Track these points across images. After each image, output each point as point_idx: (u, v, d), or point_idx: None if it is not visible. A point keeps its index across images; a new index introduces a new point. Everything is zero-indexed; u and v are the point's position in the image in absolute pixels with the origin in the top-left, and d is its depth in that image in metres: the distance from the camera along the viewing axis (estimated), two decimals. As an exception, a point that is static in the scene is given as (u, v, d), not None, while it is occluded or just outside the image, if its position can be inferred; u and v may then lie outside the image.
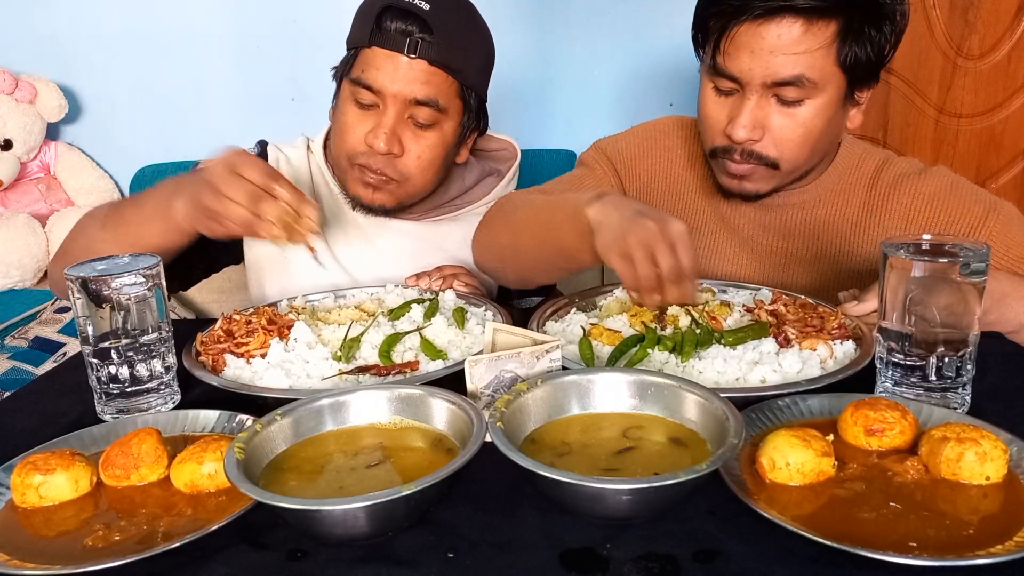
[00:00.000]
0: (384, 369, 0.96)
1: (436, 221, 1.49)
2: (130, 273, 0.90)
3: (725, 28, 1.12)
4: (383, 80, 1.27)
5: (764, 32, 1.09)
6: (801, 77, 1.10)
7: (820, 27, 1.09)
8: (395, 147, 1.30)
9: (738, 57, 1.12)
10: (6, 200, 2.43)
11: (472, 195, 1.53)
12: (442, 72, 1.28)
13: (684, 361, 0.95)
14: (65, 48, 2.46)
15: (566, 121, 2.54)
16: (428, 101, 1.28)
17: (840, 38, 1.10)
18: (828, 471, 0.72)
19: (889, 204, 1.25)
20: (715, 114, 1.19)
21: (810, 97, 1.13)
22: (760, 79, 1.12)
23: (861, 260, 1.27)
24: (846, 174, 1.28)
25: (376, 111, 1.30)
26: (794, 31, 1.09)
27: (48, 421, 0.94)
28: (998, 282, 1.05)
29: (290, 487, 0.71)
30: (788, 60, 1.09)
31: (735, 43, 1.12)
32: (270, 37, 2.46)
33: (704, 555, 0.64)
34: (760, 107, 1.14)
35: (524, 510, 0.71)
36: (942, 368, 0.85)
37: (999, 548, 0.62)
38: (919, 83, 2.61)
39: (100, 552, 0.66)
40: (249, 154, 1.15)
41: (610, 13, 2.41)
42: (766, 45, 1.09)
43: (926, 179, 1.24)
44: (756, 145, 1.16)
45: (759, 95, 1.13)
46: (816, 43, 1.09)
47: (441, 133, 1.33)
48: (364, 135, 1.30)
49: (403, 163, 1.33)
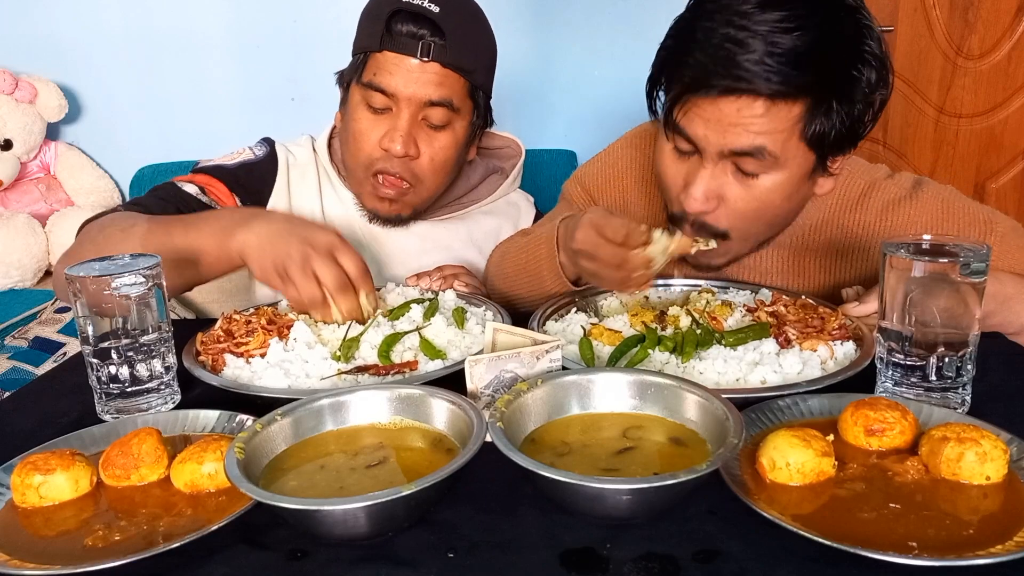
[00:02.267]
0: (383, 369, 0.96)
1: (442, 220, 1.50)
2: (130, 273, 0.90)
3: (679, 97, 1.03)
4: (396, 83, 1.27)
5: (721, 106, 0.99)
6: (762, 149, 1.00)
7: (784, 107, 0.98)
8: (412, 149, 1.30)
9: (693, 124, 1.02)
10: (6, 200, 2.43)
11: (477, 193, 1.53)
12: (454, 73, 1.28)
13: (685, 362, 0.95)
14: (65, 48, 2.47)
15: (566, 121, 2.54)
16: (442, 102, 1.28)
17: (807, 117, 0.99)
18: (828, 471, 0.72)
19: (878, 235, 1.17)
20: (672, 177, 1.10)
21: (770, 171, 1.03)
22: (716, 148, 1.02)
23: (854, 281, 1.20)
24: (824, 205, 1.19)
25: (389, 115, 1.30)
26: (755, 109, 0.98)
27: (48, 421, 0.94)
28: (1002, 284, 1.04)
29: (290, 487, 0.71)
30: (747, 134, 0.99)
31: (689, 112, 1.02)
32: (270, 37, 2.46)
33: (704, 555, 0.64)
34: (715, 177, 1.04)
35: (524, 510, 0.71)
36: (942, 368, 0.85)
37: (999, 548, 0.62)
38: (919, 83, 2.61)
39: (100, 552, 0.66)
40: (348, 244, 1.09)
41: (610, 13, 2.41)
42: (724, 118, 0.99)
43: (917, 205, 1.16)
44: (708, 216, 1.07)
45: (715, 164, 1.04)
46: (780, 124, 0.99)
47: (454, 134, 1.34)
48: (379, 140, 1.30)
49: (418, 165, 1.33)
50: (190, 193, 1.35)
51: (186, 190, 1.35)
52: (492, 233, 1.52)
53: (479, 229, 1.53)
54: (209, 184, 1.37)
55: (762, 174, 1.04)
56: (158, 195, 1.34)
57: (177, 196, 1.34)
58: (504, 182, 1.55)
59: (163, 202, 1.31)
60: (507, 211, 1.57)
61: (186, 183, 1.36)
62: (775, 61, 0.94)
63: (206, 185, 1.37)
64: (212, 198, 1.36)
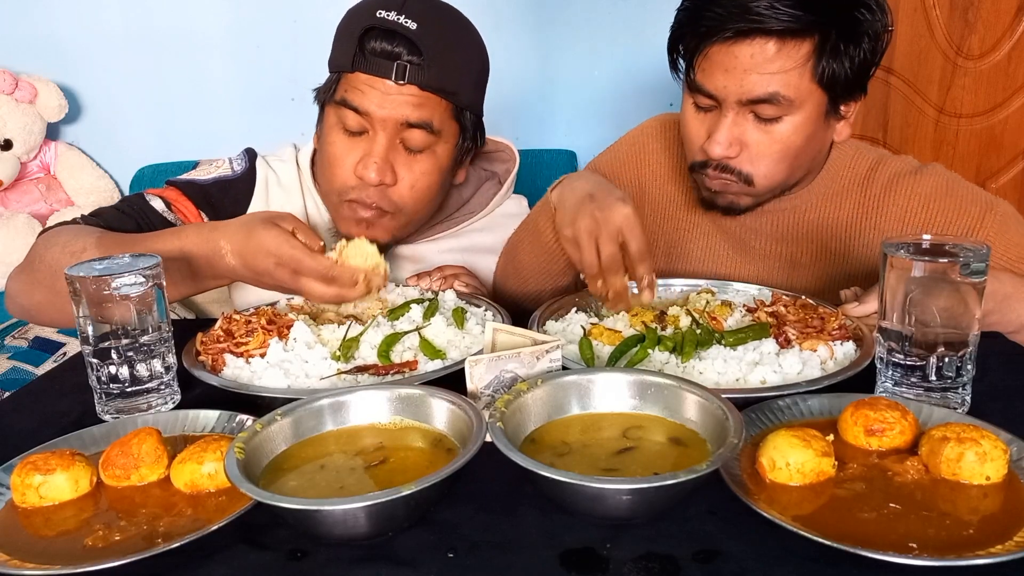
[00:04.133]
0: (382, 369, 0.96)
1: (434, 240, 1.42)
2: (130, 273, 0.90)
3: (697, 48, 1.12)
4: (370, 104, 1.18)
5: (737, 52, 1.08)
6: (776, 95, 1.09)
7: (794, 46, 1.07)
8: (387, 176, 1.21)
9: (713, 76, 1.11)
10: (6, 200, 2.43)
11: (471, 206, 1.45)
12: (435, 96, 1.20)
13: (684, 361, 0.95)
14: (65, 48, 2.47)
15: (566, 121, 2.54)
16: (421, 124, 1.20)
17: (816, 56, 1.08)
18: (828, 471, 0.72)
19: (885, 205, 1.24)
20: (695, 130, 1.18)
21: (787, 114, 1.11)
22: (735, 97, 1.11)
23: (858, 262, 1.27)
24: (837, 176, 1.27)
25: (365, 137, 1.21)
26: (767, 51, 1.07)
27: (48, 421, 0.94)
28: (1001, 283, 1.05)
29: (290, 487, 0.71)
30: (762, 79, 1.08)
31: (708, 63, 1.11)
32: (270, 37, 2.46)
33: (704, 555, 0.64)
34: (737, 124, 1.13)
35: (524, 510, 0.71)
36: (942, 368, 0.85)
37: (999, 548, 0.62)
38: (919, 83, 2.61)
39: (100, 552, 0.66)
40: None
41: (610, 13, 2.41)
42: (739, 64, 1.08)
43: (922, 179, 1.24)
44: (732, 161, 1.15)
45: (736, 112, 1.12)
46: (791, 63, 1.08)
47: (436, 158, 1.24)
48: (353, 166, 1.22)
49: (396, 192, 1.24)
50: (155, 208, 1.29)
51: (152, 204, 1.29)
52: (489, 249, 1.44)
53: (475, 246, 1.44)
54: (176, 200, 1.31)
55: (781, 118, 1.12)
56: (121, 207, 1.29)
57: (140, 210, 1.28)
58: (499, 192, 1.46)
59: (123, 215, 1.26)
60: (504, 224, 1.46)
61: (155, 196, 1.31)
62: (783, 4, 1.05)
63: (173, 201, 1.31)
64: (177, 215, 1.30)
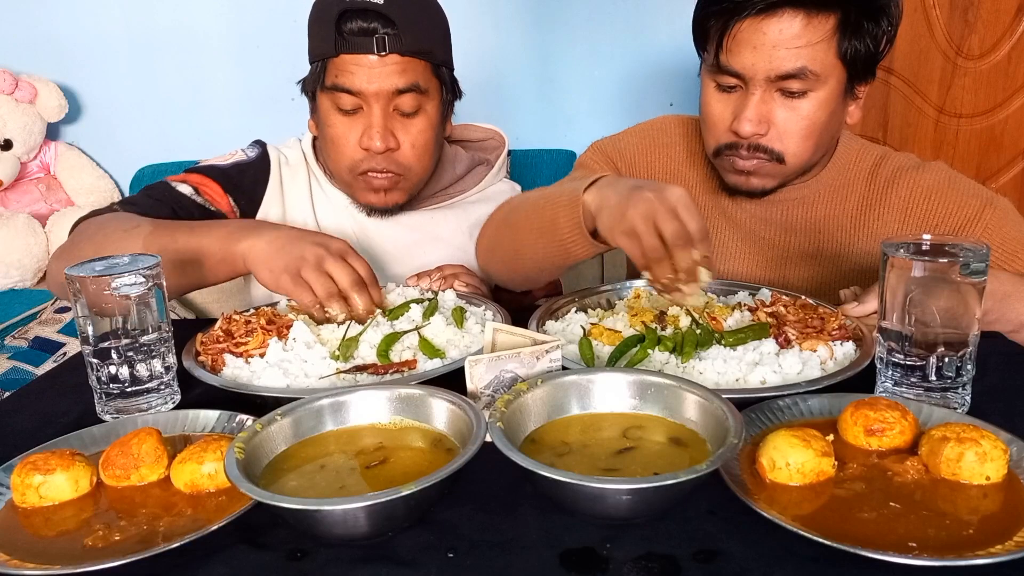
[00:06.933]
0: (382, 368, 0.96)
1: (431, 210, 1.51)
2: (130, 273, 0.90)
3: (727, 26, 1.14)
4: (360, 82, 1.27)
5: (765, 27, 1.12)
6: (804, 69, 1.12)
7: (820, 20, 1.11)
8: (391, 142, 1.31)
9: (740, 53, 1.14)
10: (6, 200, 2.43)
11: (464, 184, 1.55)
12: (415, 59, 1.29)
13: (684, 362, 0.95)
14: (65, 48, 2.46)
15: (566, 121, 2.53)
16: (410, 87, 1.29)
17: (840, 31, 1.13)
18: (828, 471, 0.72)
19: (887, 198, 1.26)
20: (719, 112, 1.20)
21: (813, 89, 1.15)
22: (764, 74, 1.13)
23: (861, 255, 1.28)
24: (845, 169, 1.29)
25: (361, 113, 1.31)
26: (795, 25, 1.11)
27: (48, 421, 0.94)
28: (1000, 282, 1.05)
29: (290, 487, 0.71)
30: (791, 53, 1.12)
31: (737, 40, 1.14)
32: (270, 37, 2.46)
33: (704, 555, 0.64)
34: (764, 101, 1.16)
35: (524, 510, 0.71)
36: (942, 368, 0.85)
37: (999, 548, 0.62)
38: (919, 83, 2.60)
39: (100, 552, 0.66)
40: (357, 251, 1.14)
41: (610, 13, 2.41)
42: (768, 40, 1.12)
43: (924, 173, 1.26)
44: (763, 139, 1.18)
45: (763, 90, 1.15)
46: (817, 36, 1.12)
47: (427, 116, 1.34)
48: (358, 141, 1.31)
49: (402, 155, 1.34)
50: (184, 193, 1.34)
51: (180, 190, 1.34)
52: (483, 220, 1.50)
53: (469, 218, 1.53)
54: (203, 184, 1.37)
55: (807, 94, 1.15)
56: (152, 195, 1.33)
57: (171, 196, 1.33)
58: (489, 172, 1.57)
59: (157, 202, 1.31)
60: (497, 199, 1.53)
61: (179, 183, 1.36)
62: None
63: (200, 185, 1.36)
64: (206, 198, 1.36)
